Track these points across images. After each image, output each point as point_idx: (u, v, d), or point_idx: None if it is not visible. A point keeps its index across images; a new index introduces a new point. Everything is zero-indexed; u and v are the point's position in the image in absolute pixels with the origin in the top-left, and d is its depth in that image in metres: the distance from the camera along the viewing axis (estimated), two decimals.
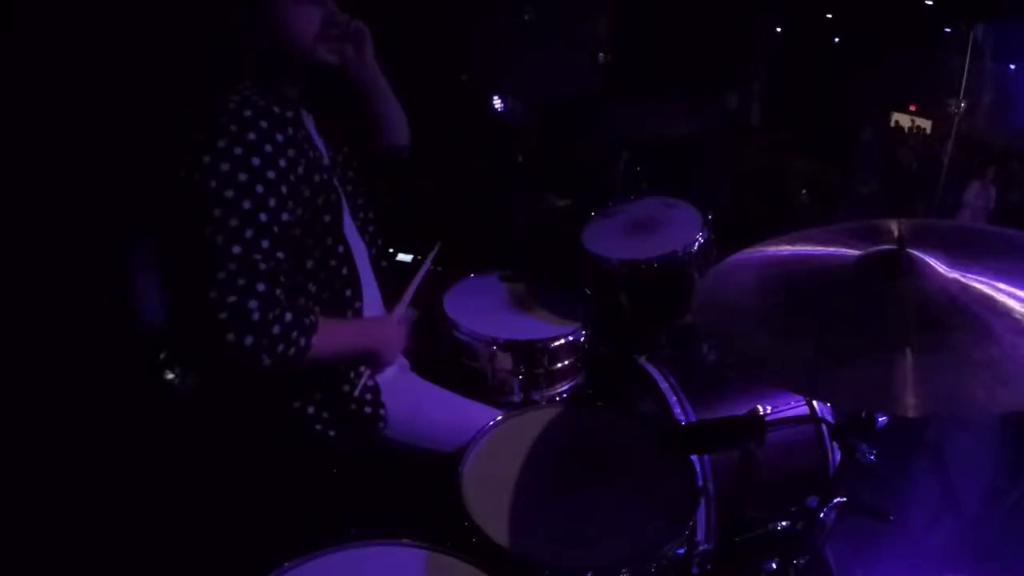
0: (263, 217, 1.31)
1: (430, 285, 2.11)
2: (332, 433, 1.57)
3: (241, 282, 1.28)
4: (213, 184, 1.28)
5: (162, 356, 2.17)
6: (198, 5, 1.46)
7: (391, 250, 2.58)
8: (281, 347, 1.30)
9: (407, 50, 3.42)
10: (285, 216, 1.35)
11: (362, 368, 1.60)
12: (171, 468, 1.96)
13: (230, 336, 1.26)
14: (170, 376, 2.15)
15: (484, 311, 2.10)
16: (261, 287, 1.29)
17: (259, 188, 1.30)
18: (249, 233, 1.29)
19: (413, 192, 3.29)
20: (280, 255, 1.34)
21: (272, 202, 1.32)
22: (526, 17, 3.99)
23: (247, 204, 1.29)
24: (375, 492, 1.65)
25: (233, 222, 1.28)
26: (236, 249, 1.28)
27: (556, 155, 3.63)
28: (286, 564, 1.18)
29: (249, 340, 1.27)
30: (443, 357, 2.03)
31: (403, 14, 3.37)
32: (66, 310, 2.17)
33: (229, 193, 1.28)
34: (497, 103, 3.75)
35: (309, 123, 1.57)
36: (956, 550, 2.21)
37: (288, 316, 1.32)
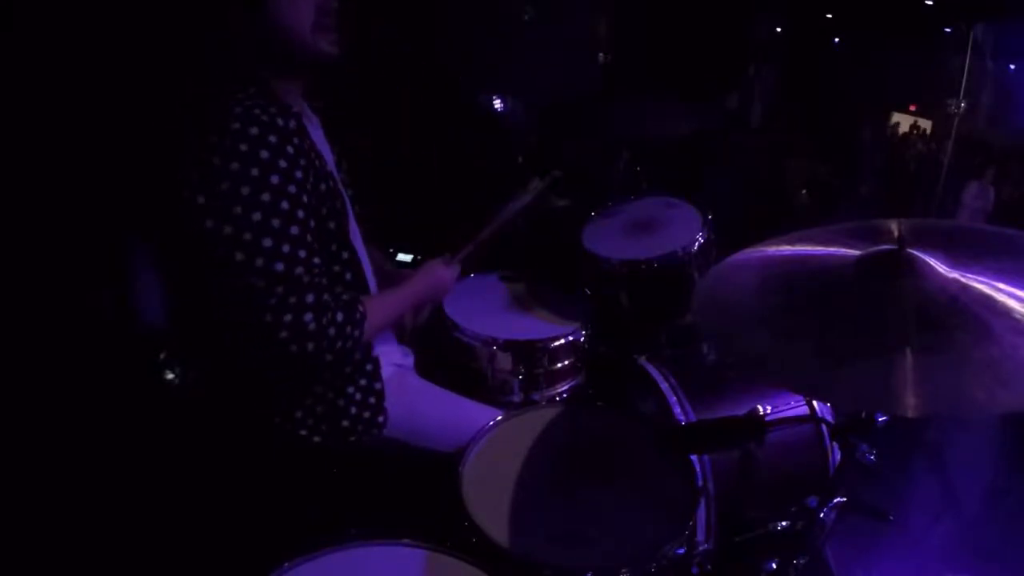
0: (295, 230, 1.33)
1: None
2: (317, 439, 1.56)
3: (292, 300, 1.32)
4: (238, 210, 1.28)
5: (162, 356, 2.17)
6: (198, 5, 1.46)
7: (391, 250, 2.58)
8: (339, 344, 1.39)
9: (407, 50, 3.42)
10: (312, 223, 1.38)
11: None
12: (171, 468, 1.96)
13: (293, 348, 1.33)
14: (170, 376, 2.15)
15: (484, 311, 2.10)
16: (310, 298, 1.34)
17: (284, 204, 1.32)
18: (286, 248, 1.32)
19: (413, 192, 3.29)
20: (317, 260, 1.38)
21: (300, 213, 1.34)
22: (526, 17, 3.98)
23: (276, 222, 1.31)
24: (375, 492, 1.65)
25: (267, 242, 1.30)
26: (279, 266, 1.31)
27: (556, 155, 3.62)
28: (286, 564, 1.18)
29: (311, 347, 1.34)
30: (443, 357, 2.03)
31: (403, 14, 3.37)
32: (66, 310, 2.17)
33: (256, 216, 1.29)
34: (497, 103, 3.75)
35: (314, 127, 1.56)
36: (956, 550, 2.21)
37: (340, 316, 1.39)
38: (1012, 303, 1.03)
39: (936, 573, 2.14)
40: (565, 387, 2.07)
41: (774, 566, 1.52)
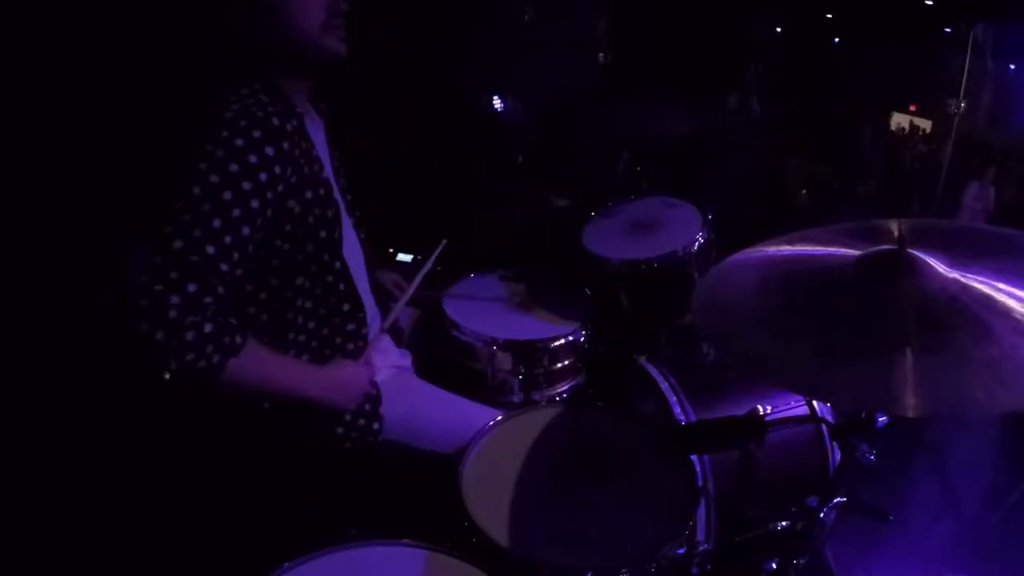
0: (216, 223, 1.25)
1: (431, 284, 2.11)
2: (312, 445, 1.56)
3: (173, 275, 1.22)
4: (186, 179, 1.26)
5: None
6: (197, 5, 1.45)
7: (391, 250, 2.58)
8: (191, 356, 1.22)
9: (407, 50, 3.42)
10: (246, 230, 1.29)
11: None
12: (171, 468, 1.96)
13: (143, 326, 1.19)
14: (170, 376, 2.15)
15: (484, 311, 2.10)
16: (191, 287, 1.22)
17: (227, 195, 1.26)
18: (197, 232, 1.24)
19: (413, 192, 3.29)
20: (224, 267, 1.27)
21: (236, 212, 1.27)
22: (526, 17, 3.98)
23: (207, 206, 1.25)
24: (375, 492, 1.65)
25: (186, 217, 1.24)
26: (177, 243, 1.23)
27: (556, 155, 3.63)
28: (286, 564, 1.18)
29: (159, 335, 1.19)
30: (443, 357, 2.03)
31: (403, 14, 3.37)
32: (66, 310, 2.17)
33: (195, 190, 1.25)
34: (497, 103, 3.75)
35: (318, 131, 1.54)
36: (956, 550, 2.21)
37: (208, 327, 1.24)
38: (1012, 303, 1.03)
39: (936, 573, 2.14)
40: (565, 387, 2.07)
41: (774, 566, 1.52)
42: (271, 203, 1.33)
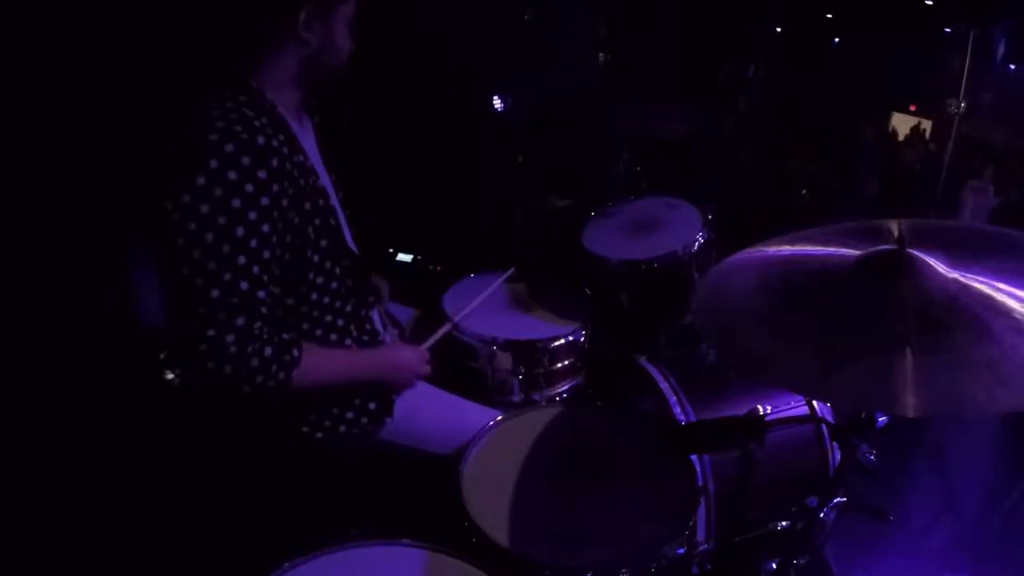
0: (241, 260, 1.29)
1: (431, 284, 2.11)
2: (319, 435, 1.57)
3: (221, 316, 1.29)
4: (192, 226, 1.25)
5: (162, 356, 2.17)
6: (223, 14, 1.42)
7: (391, 250, 2.58)
8: (260, 379, 1.33)
9: (408, 50, 3.42)
10: (267, 254, 1.33)
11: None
12: (171, 468, 1.96)
13: (210, 364, 1.29)
14: (170, 376, 2.16)
15: (484, 311, 2.10)
16: (240, 321, 1.30)
17: (239, 231, 1.28)
18: (228, 276, 1.28)
19: (413, 192, 3.29)
20: (261, 294, 1.33)
21: (253, 243, 1.30)
22: (526, 17, 3.97)
23: (226, 248, 1.27)
24: (375, 492, 1.65)
25: (211, 265, 1.27)
26: (215, 293, 1.28)
27: (556, 155, 3.62)
28: (286, 564, 1.19)
29: (228, 369, 1.30)
30: (443, 357, 2.03)
31: (403, 14, 3.36)
32: (66, 310, 2.17)
33: (208, 236, 1.26)
34: (497, 103, 3.75)
35: (308, 136, 1.53)
36: (956, 550, 2.21)
37: (268, 351, 1.33)
38: (1012, 303, 1.03)
39: (936, 573, 2.14)
40: (565, 387, 2.07)
41: (774, 566, 1.52)
42: (279, 219, 1.34)
